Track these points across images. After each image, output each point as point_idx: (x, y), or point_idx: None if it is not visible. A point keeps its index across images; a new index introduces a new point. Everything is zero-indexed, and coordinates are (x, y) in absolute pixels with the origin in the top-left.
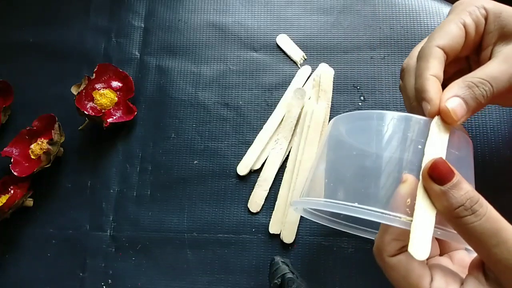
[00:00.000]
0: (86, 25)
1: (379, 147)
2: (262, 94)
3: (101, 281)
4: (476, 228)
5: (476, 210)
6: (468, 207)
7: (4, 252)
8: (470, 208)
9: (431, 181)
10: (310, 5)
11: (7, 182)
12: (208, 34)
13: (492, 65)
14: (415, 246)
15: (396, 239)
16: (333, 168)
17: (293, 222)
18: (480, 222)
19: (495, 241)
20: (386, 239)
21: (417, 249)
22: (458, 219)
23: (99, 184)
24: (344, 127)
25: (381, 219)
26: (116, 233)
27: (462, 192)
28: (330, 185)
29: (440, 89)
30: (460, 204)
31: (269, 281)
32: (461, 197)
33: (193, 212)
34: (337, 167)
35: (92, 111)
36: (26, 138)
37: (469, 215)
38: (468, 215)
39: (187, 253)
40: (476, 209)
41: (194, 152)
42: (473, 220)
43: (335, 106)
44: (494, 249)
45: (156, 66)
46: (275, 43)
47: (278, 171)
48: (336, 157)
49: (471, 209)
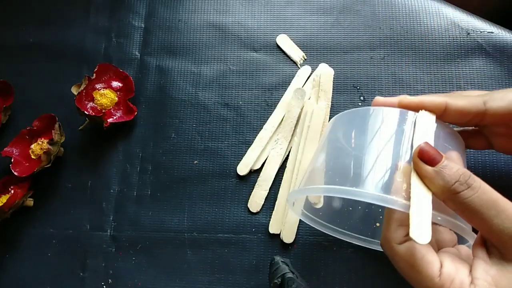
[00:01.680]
0: (86, 25)
1: (376, 141)
2: (262, 94)
3: (101, 281)
4: (475, 201)
5: (471, 184)
6: (463, 181)
7: (4, 252)
8: (465, 183)
9: (423, 164)
10: (310, 5)
11: (8, 182)
12: (208, 34)
13: None
14: (416, 231)
15: (401, 225)
16: (332, 159)
17: (293, 222)
18: (477, 195)
19: (495, 211)
20: (392, 227)
21: (417, 233)
22: (455, 196)
23: (99, 184)
24: (345, 122)
25: (380, 201)
26: (116, 233)
27: (454, 170)
28: (329, 173)
29: None
30: (455, 180)
31: (269, 281)
32: (455, 174)
33: (193, 212)
34: (336, 158)
35: (92, 111)
36: (27, 138)
37: (466, 189)
38: (465, 189)
39: (187, 253)
40: (471, 183)
41: (194, 152)
42: (470, 193)
43: (335, 106)
44: (495, 220)
45: (156, 66)
46: (275, 43)
47: (278, 171)
48: (334, 150)
49: (466, 183)
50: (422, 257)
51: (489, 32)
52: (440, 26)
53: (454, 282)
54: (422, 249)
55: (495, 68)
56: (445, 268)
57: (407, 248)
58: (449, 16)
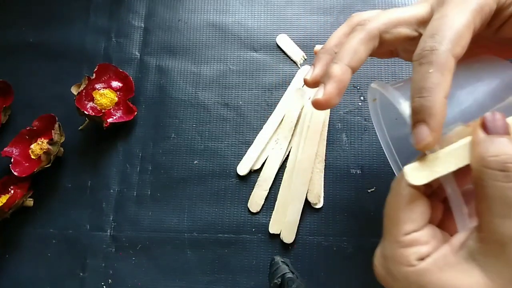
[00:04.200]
0: (86, 25)
1: (481, 90)
2: (262, 94)
3: (101, 281)
4: (497, 188)
5: (509, 171)
6: (501, 162)
7: (4, 252)
8: (504, 165)
9: (480, 128)
10: (310, 5)
11: (7, 182)
12: (208, 34)
13: None
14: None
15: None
16: None
17: (293, 222)
18: (504, 185)
19: (505, 212)
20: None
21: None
22: (485, 170)
23: (99, 184)
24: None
25: None
26: (116, 233)
27: (507, 149)
28: None
29: (445, 117)
30: (494, 155)
31: (269, 281)
32: (500, 150)
33: (193, 212)
34: None
35: (92, 111)
36: (26, 138)
37: (499, 170)
38: (498, 170)
39: (187, 253)
40: (510, 170)
41: (194, 152)
42: (500, 178)
43: (335, 106)
44: (496, 219)
45: (156, 66)
46: (275, 43)
47: (278, 171)
48: None
49: (504, 167)
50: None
51: None
52: None
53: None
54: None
55: None
56: (417, 233)
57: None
58: None
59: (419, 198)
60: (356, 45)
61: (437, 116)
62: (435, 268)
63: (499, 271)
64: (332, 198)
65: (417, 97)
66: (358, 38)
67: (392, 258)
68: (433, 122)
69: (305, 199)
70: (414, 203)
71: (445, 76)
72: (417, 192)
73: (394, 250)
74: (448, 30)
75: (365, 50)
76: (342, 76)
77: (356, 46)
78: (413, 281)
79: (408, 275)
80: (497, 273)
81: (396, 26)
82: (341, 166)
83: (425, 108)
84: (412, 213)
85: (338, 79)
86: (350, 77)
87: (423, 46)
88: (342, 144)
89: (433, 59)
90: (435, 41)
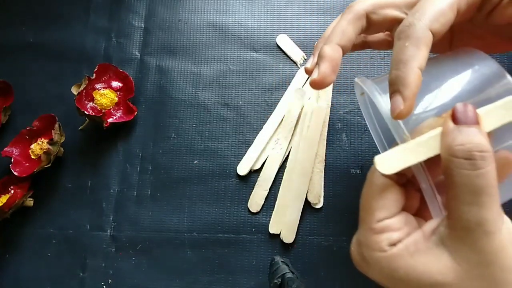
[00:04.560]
0: (86, 25)
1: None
2: (262, 94)
3: (101, 281)
4: (463, 176)
5: (475, 159)
6: (467, 151)
7: (4, 252)
8: (470, 153)
9: (450, 119)
10: (310, 5)
11: (7, 182)
12: (208, 34)
13: None
14: (385, 158)
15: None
16: None
17: (293, 222)
18: (469, 173)
19: (471, 200)
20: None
21: (384, 161)
22: (452, 159)
23: (99, 184)
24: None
25: (391, 126)
26: (116, 233)
27: (473, 138)
28: None
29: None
30: (461, 143)
31: (269, 281)
32: (467, 139)
33: (193, 212)
34: None
35: (92, 111)
36: (26, 138)
37: (464, 159)
38: (464, 158)
39: (187, 253)
40: (476, 158)
41: (194, 152)
42: (466, 167)
43: (335, 106)
44: (464, 206)
45: (156, 66)
46: (275, 43)
47: (278, 171)
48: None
49: (470, 155)
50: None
51: None
52: None
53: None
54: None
55: None
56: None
57: (375, 176)
58: None
59: (391, 187)
60: (344, 25)
61: (410, 86)
62: (405, 253)
63: (466, 255)
64: (332, 198)
65: (393, 70)
66: (345, 19)
67: (366, 244)
68: (406, 91)
69: (305, 199)
70: (386, 192)
71: (420, 49)
72: (390, 181)
73: (368, 236)
74: (429, 7)
75: (353, 29)
76: (333, 54)
77: (344, 27)
78: (385, 266)
79: (380, 260)
80: (463, 258)
81: (384, 8)
82: (341, 166)
83: (399, 79)
84: (384, 201)
85: (329, 58)
86: (341, 55)
87: (403, 22)
88: (342, 144)
89: (410, 33)
90: (414, 18)
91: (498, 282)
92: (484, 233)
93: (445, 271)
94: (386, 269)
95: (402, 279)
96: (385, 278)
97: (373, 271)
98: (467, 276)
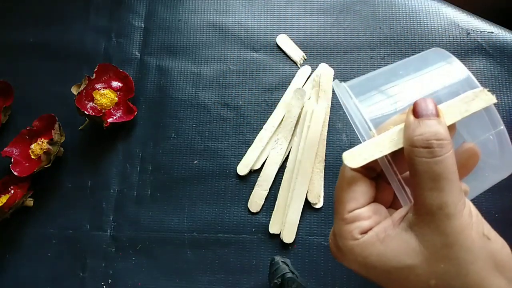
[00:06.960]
0: (86, 25)
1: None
2: (262, 94)
3: (101, 281)
4: (423, 164)
5: (433, 147)
6: (425, 140)
7: (4, 252)
8: (428, 142)
9: (411, 113)
10: (310, 5)
11: (7, 182)
12: (208, 34)
13: None
14: (353, 153)
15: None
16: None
17: (293, 222)
18: (428, 161)
19: (432, 186)
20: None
21: (352, 156)
22: (412, 149)
23: (99, 184)
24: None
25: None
26: (116, 233)
27: (430, 128)
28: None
29: None
30: (419, 134)
31: (269, 281)
32: (425, 130)
33: (193, 212)
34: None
35: (92, 111)
36: (26, 138)
37: (423, 148)
38: (422, 147)
39: (187, 253)
40: (433, 146)
41: (194, 152)
42: (425, 155)
43: (335, 106)
44: (426, 192)
45: (156, 66)
46: (275, 43)
47: (278, 171)
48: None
49: (428, 143)
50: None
51: (489, 32)
52: (440, 26)
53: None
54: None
55: (495, 68)
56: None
57: (346, 171)
58: (449, 16)
59: (360, 180)
60: None
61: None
62: (376, 240)
63: (431, 238)
64: (332, 198)
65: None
66: None
67: (339, 234)
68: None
69: (305, 199)
70: (355, 184)
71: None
72: (358, 175)
73: (341, 226)
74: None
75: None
76: None
77: None
78: (358, 253)
79: (353, 248)
80: (429, 241)
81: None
82: (341, 166)
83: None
84: (354, 193)
85: None
86: None
87: None
88: (342, 144)
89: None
90: None
91: (461, 261)
92: (445, 215)
93: (413, 254)
94: (359, 256)
95: (374, 265)
96: (359, 266)
97: (348, 260)
98: (433, 257)
